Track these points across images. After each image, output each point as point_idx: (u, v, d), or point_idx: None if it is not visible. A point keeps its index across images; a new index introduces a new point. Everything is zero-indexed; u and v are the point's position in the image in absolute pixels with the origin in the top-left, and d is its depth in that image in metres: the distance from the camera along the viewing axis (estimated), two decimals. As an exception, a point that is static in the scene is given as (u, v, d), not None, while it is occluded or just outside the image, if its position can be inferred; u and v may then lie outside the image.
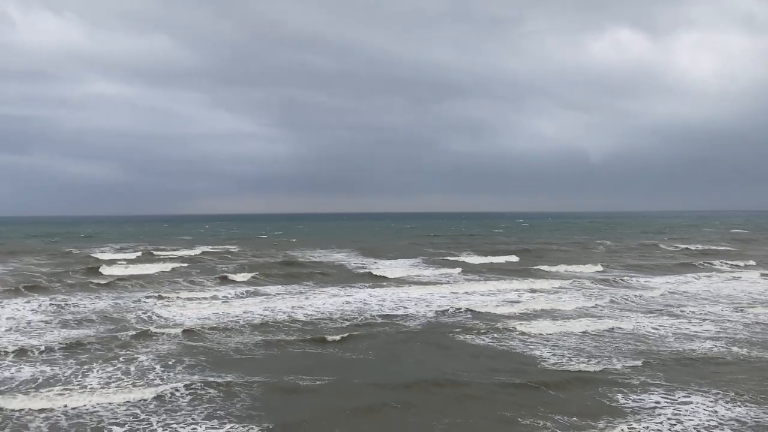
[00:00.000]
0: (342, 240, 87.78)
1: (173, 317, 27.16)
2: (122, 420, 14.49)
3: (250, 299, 31.95)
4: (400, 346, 21.85)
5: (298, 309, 29.14)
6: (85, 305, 30.38)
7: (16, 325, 25.31)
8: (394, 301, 31.39)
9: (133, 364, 19.24)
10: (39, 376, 18.00)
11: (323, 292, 33.97)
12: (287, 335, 23.56)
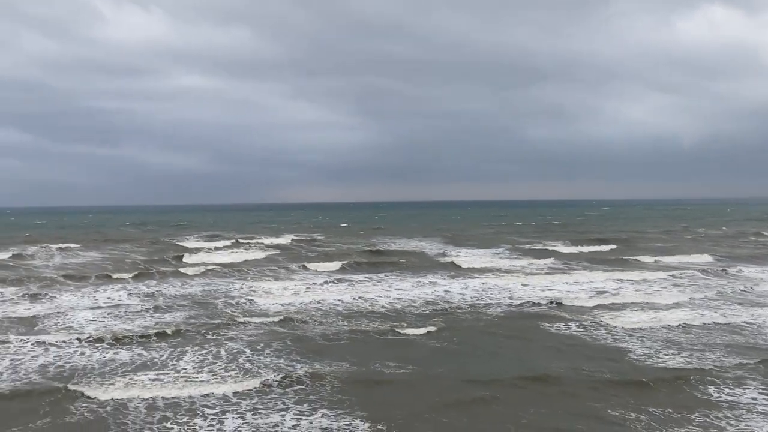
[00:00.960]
0: (423, 228, 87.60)
1: (261, 304, 27.81)
2: (213, 402, 14.93)
3: (335, 286, 32.35)
4: (483, 336, 21.58)
5: (381, 297, 29.27)
6: (176, 291, 31.54)
7: (112, 311, 26.49)
8: (477, 290, 31.07)
9: (223, 348, 19.79)
10: (136, 359, 18.80)
11: (405, 281, 34.03)
12: (371, 322, 23.74)
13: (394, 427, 13.49)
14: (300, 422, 13.81)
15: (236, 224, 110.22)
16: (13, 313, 25.94)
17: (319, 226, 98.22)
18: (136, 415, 14.21)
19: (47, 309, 26.80)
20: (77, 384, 16.39)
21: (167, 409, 14.52)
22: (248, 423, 13.76)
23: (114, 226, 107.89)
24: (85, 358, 18.87)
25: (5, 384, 16.43)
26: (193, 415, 14.16)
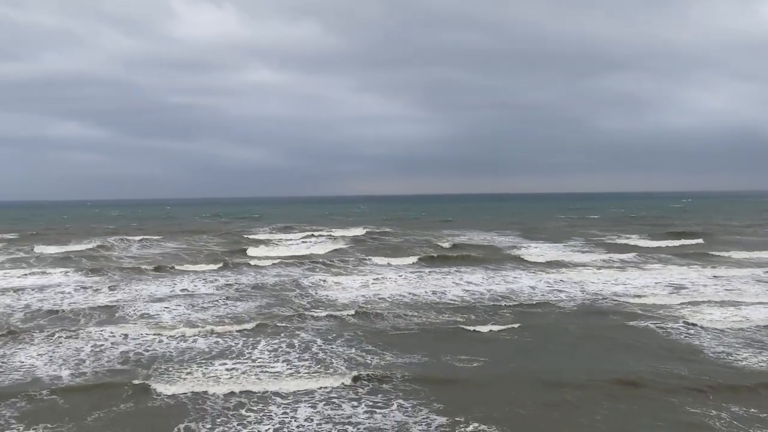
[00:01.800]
0: (493, 221, 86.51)
1: (332, 295, 28.03)
2: (286, 392, 15.10)
3: (405, 279, 32.30)
4: (556, 333, 20.99)
5: (452, 290, 29.03)
6: (249, 281, 32.16)
7: (188, 300, 27.20)
8: (550, 284, 30.42)
9: (295, 338, 20.02)
10: (213, 348, 19.23)
11: (476, 274, 33.67)
12: (440, 315, 23.62)
13: (472, 420, 13.30)
14: (374, 414, 13.81)
15: (307, 216, 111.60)
16: (94, 302, 26.98)
17: (387, 219, 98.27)
18: (214, 401, 14.53)
19: (127, 297, 27.77)
20: (157, 371, 16.91)
21: (242, 396, 14.80)
22: (320, 413, 13.87)
23: (190, 218, 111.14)
24: (164, 346, 19.43)
25: (88, 370, 17.09)
26: (267, 404, 14.38)
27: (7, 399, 14.78)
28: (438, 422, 13.34)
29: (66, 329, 21.61)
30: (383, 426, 13.20)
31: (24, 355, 18.54)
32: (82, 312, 24.75)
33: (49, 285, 31.70)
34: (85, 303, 26.73)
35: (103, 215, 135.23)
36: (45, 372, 16.86)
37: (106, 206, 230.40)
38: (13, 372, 16.98)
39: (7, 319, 23.76)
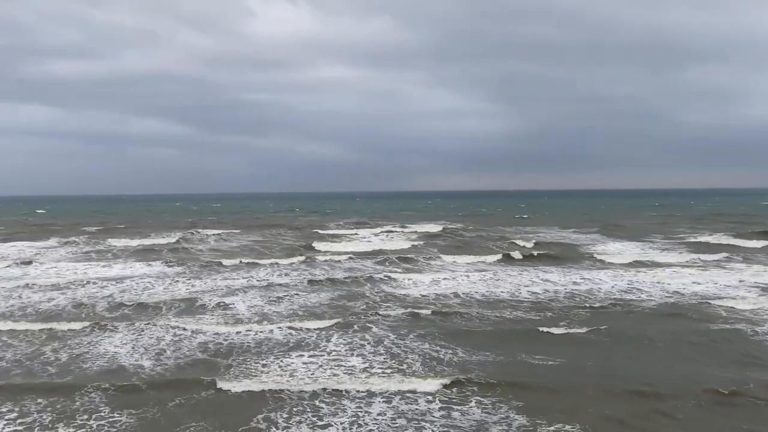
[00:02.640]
0: (569, 218, 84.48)
1: (403, 291, 27.98)
2: (360, 384, 15.08)
3: (479, 276, 31.90)
4: (636, 336, 19.97)
5: (527, 288, 28.46)
6: (322, 275, 32.48)
7: (264, 292, 27.66)
8: (631, 284, 29.37)
9: (367, 332, 20.05)
10: (289, 339, 19.47)
11: (552, 272, 32.91)
12: (514, 312, 23.23)
13: (554, 421, 12.97)
14: (450, 411, 13.64)
15: (379, 212, 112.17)
16: (174, 293, 27.81)
17: (460, 215, 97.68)
18: (290, 393, 14.68)
19: (205, 289, 28.50)
20: (235, 361, 17.26)
21: (318, 389, 14.89)
22: (394, 408, 13.79)
23: (265, 213, 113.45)
24: (241, 337, 19.81)
25: (170, 360, 17.58)
26: (341, 397, 14.44)
27: (95, 384, 15.35)
28: (518, 422, 13.06)
29: (147, 320, 22.36)
30: (461, 424, 13.01)
31: (108, 343, 19.25)
32: (162, 303, 25.53)
33: (131, 276, 32.88)
34: (165, 294, 27.57)
35: (183, 209, 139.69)
36: (128, 361, 17.44)
37: (185, 200, 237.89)
38: (99, 358, 17.65)
39: (92, 308, 24.73)
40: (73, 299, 26.47)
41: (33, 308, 24.70)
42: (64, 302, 25.85)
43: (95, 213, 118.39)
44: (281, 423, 13.05)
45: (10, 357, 17.90)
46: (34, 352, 18.35)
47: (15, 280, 31.90)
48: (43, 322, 22.34)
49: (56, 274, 34.27)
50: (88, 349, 18.53)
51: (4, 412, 13.61)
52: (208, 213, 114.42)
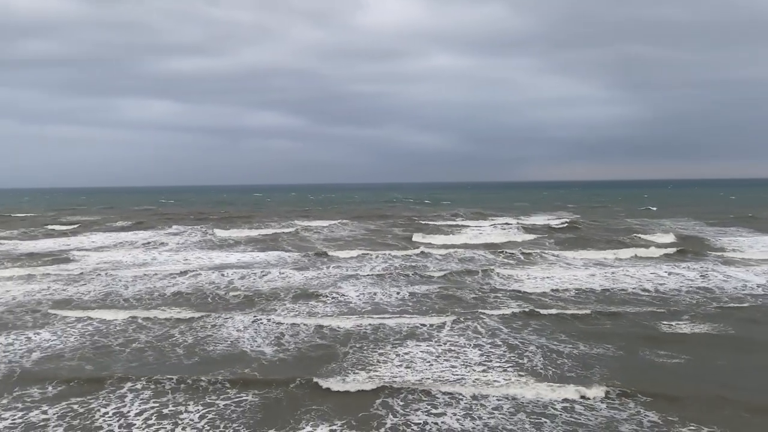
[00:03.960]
0: (697, 210, 78.73)
1: (519, 283, 27.43)
2: (475, 376, 14.89)
3: (597, 270, 30.80)
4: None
5: (650, 284, 27.11)
6: (434, 266, 32.46)
7: (374, 281, 27.95)
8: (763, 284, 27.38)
9: (481, 324, 19.79)
10: (402, 328, 19.59)
11: (679, 267, 31.13)
12: (636, 308, 22.19)
13: (688, 421, 12.32)
14: (574, 405, 13.26)
15: (493, 202, 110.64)
16: (290, 281, 28.62)
17: (578, 206, 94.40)
18: (406, 381, 14.71)
19: (320, 277, 29.13)
20: (353, 348, 17.55)
21: (433, 378, 14.86)
22: (512, 401, 13.49)
23: (377, 203, 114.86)
24: (356, 325, 20.08)
25: (291, 346, 18.09)
26: (457, 387, 14.30)
27: (220, 366, 16.04)
28: (650, 418, 12.50)
29: (266, 306, 23.13)
30: (587, 421, 12.56)
31: (231, 328, 20.03)
32: (279, 290, 26.35)
33: (249, 264, 34.21)
34: (281, 281, 28.43)
35: (297, 199, 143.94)
36: (250, 346, 18.08)
37: (299, 190, 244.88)
38: (222, 342, 18.42)
39: (213, 294, 25.85)
40: (195, 285, 27.81)
41: (159, 293, 26.13)
42: (187, 288, 27.18)
43: (215, 203, 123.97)
44: (398, 410, 13.11)
45: (143, 339, 19.00)
46: (163, 334, 19.39)
47: (142, 266, 33.95)
48: (168, 306, 23.60)
49: (179, 260, 36.15)
50: (211, 333, 19.37)
51: (140, 390, 14.45)
52: (322, 203, 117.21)
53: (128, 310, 22.86)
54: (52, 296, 25.62)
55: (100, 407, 13.51)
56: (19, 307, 23.80)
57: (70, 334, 19.47)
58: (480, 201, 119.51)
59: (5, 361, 16.85)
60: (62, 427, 12.55)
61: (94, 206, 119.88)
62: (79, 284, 28.35)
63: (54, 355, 17.50)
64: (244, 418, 12.95)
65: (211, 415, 13.07)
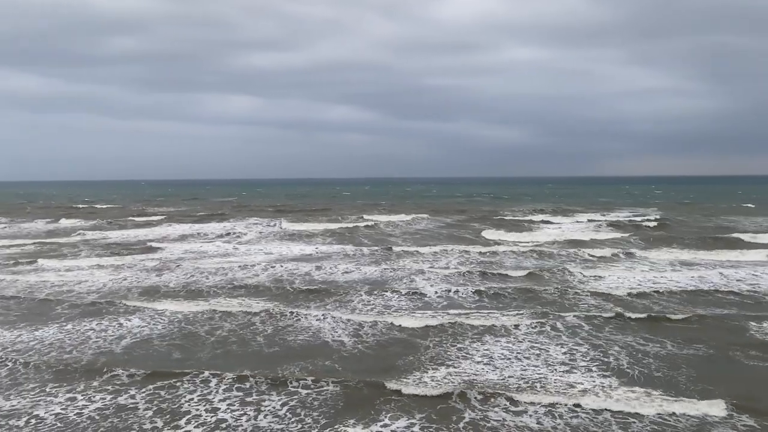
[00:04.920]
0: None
1: (601, 282, 26.67)
2: (558, 377, 14.59)
3: (684, 270, 29.63)
4: None
5: (745, 284, 25.84)
6: (510, 262, 32.07)
7: (449, 277, 27.75)
8: None
9: (560, 322, 19.36)
10: (480, 324, 19.43)
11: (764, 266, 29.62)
12: (728, 310, 21.19)
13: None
14: (663, 407, 12.77)
15: (572, 198, 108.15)
16: (363, 274, 28.86)
17: (665, 202, 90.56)
18: (484, 375, 14.55)
19: (396, 270, 29.20)
20: (432, 341, 17.53)
21: (512, 376, 14.62)
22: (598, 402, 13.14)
23: (452, 197, 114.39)
24: (432, 318, 20.04)
25: (369, 338, 18.22)
26: (537, 384, 14.04)
27: (301, 356, 16.38)
28: (744, 422, 11.96)
29: (342, 298, 23.37)
30: (676, 422, 12.11)
31: (311, 318, 20.32)
32: (355, 282, 26.66)
33: (326, 256, 34.71)
34: (357, 274, 28.70)
35: (372, 193, 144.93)
36: (330, 336, 18.29)
37: (373, 184, 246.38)
38: (302, 332, 18.71)
39: (290, 284, 26.32)
40: (274, 276, 28.40)
41: (239, 283, 26.75)
42: (266, 279, 27.78)
43: (292, 196, 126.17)
44: (477, 405, 12.98)
45: (226, 327, 19.51)
46: (244, 324, 19.84)
47: (223, 257, 34.95)
48: (248, 297, 24.17)
49: (258, 252, 36.98)
50: (290, 323, 19.70)
51: (224, 377, 14.84)
52: (398, 197, 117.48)
53: (210, 299, 23.55)
54: (140, 284, 26.66)
55: (186, 392, 13.94)
56: (111, 294, 24.90)
57: (158, 321, 20.21)
58: (558, 196, 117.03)
59: (97, 346, 17.64)
60: (151, 410, 13.02)
61: (178, 198, 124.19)
62: (163, 273, 29.41)
63: (142, 340, 18.19)
64: (324, 407, 13.11)
65: (293, 403, 13.29)
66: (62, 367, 15.75)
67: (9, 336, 18.73)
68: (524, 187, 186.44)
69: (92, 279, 27.97)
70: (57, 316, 21.23)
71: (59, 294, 24.92)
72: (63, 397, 13.80)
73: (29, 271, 30.81)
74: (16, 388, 14.32)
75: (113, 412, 12.96)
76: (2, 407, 13.22)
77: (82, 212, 78.09)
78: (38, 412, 12.96)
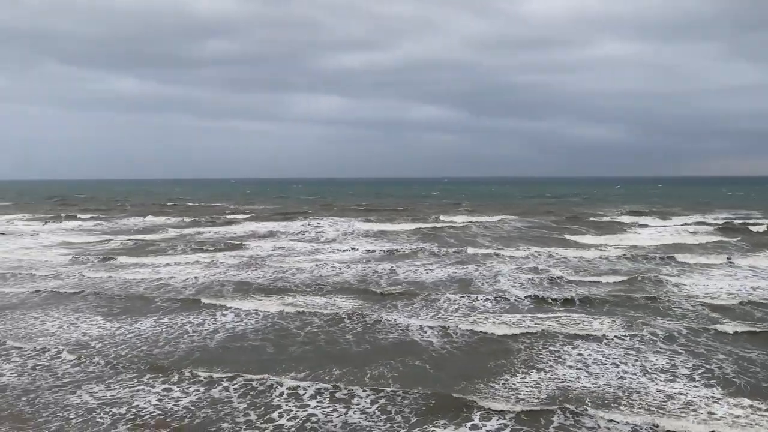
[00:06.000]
0: None
1: (697, 288, 25.30)
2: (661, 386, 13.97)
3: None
4: None
5: None
6: (598, 266, 30.99)
7: (534, 280, 27.09)
8: None
9: (654, 327, 18.53)
10: (565, 326, 18.93)
11: None
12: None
13: None
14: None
15: (671, 198, 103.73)
16: (448, 273, 28.60)
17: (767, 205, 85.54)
18: (580, 383, 14.10)
19: (481, 272, 28.80)
20: (523, 344, 17.19)
21: (611, 382, 14.07)
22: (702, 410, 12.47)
23: (540, 197, 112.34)
24: (521, 322, 19.72)
25: (458, 338, 18.03)
26: (635, 394, 13.42)
27: (390, 354, 16.38)
28: None
29: (427, 297, 23.24)
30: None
31: (398, 317, 20.29)
32: (443, 282, 26.48)
33: (412, 255, 34.64)
34: (441, 274, 28.48)
35: (459, 192, 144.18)
36: (418, 336, 18.16)
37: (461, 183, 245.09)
38: (391, 331, 18.68)
39: (376, 283, 26.43)
40: (359, 274, 28.61)
41: (325, 281, 27.06)
42: (352, 277, 28.01)
43: (376, 195, 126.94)
44: (572, 408, 12.53)
45: (316, 323, 19.72)
46: (333, 321, 19.96)
47: (310, 254, 35.58)
48: (335, 294, 24.35)
49: (343, 250, 37.34)
50: (378, 321, 19.68)
51: (314, 373, 15.03)
52: (483, 197, 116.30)
53: (298, 296, 23.92)
54: (231, 280, 27.32)
55: (277, 387, 14.13)
56: (205, 289, 25.67)
57: (250, 317, 20.61)
58: (654, 197, 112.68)
59: (191, 340, 18.18)
60: (244, 403, 13.27)
61: (265, 196, 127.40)
62: (251, 269, 30.12)
63: (236, 335, 18.62)
64: (415, 404, 13.02)
65: (382, 401, 13.25)
66: (159, 360, 16.32)
67: (109, 328, 19.58)
68: (616, 187, 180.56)
69: (185, 274, 28.90)
70: (154, 309, 22.04)
71: (155, 289, 25.89)
72: (159, 387, 14.26)
73: (126, 266, 32.21)
74: (115, 378, 14.91)
75: (208, 404, 13.28)
76: (104, 396, 13.78)
77: (175, 209, 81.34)
78: (137, 402, 13.44)
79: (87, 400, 13.55)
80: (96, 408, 13.09)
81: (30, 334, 18.89)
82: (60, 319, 20.76)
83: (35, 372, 15.42)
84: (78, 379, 14.86)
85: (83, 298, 23.84)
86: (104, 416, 12.68)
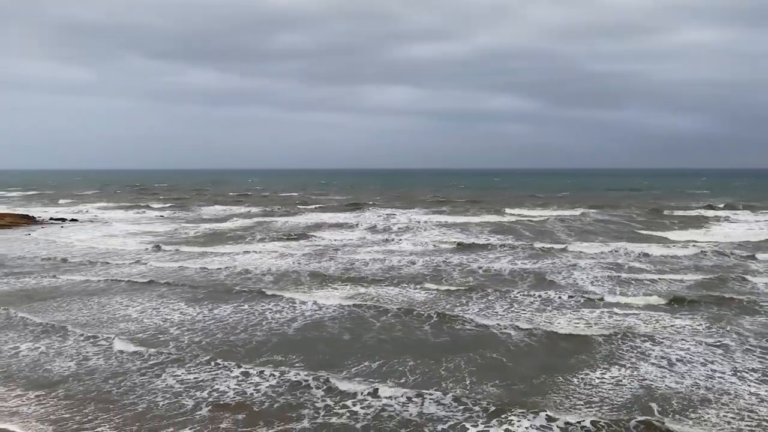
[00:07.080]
0: None
1: None
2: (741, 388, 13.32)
3: None
4: None
5: None
6: (680, 262, 29.85)
7: (611, 274, 26.28)
8: None
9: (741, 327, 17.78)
10: (638, 322, 18.31)
11: None
12: None
13: None
14: None
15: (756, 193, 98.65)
16: (522, 267, 28.22)
17: None
18: (664, 382, 13.63)
19: (556, 266, 28.25)
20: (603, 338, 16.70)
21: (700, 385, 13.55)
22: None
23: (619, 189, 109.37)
24: (597, 315, 19.24)
25: (537, 332, 17.66)
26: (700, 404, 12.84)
27: (468, 346, 16.31)
28: None
29: (502, 289, 23.10)
30: None
31: (473, 309, 20.19)
32: (518, 274, 26.23)
33: (486, 248, 34.26)
34: (515, 267, 28.12)
35: (535, 183, 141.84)
36: (496, 329, 17.94)
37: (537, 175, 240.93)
38: (466, 323, 18.55)
39: (449, 275, 26.32)
40: (431, 266, 28.55)
41: (397, 271, 27.23)
42: (423, 268, 28.01)
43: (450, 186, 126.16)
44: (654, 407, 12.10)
45: (392, 313, 19.75)
46: (407, 311, 19.93)
47: (379, 245, 35.75)
48: (408, 285, 24.29)
49: (413, 242, 37.39)
50: (453, 313, 19.59)
51: (390, 364, 15.06)
52: (560, 188, 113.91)
53: (371, 287, 23.99)
54: (305, 269, 27.71)
55: (354, 376, 14.26)
56: (284, 277, 26.17)
57: (326, 306, 20.82)
58: (742, 189, 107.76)
59: (269, 327, 18.54)
60: (321, 390, 13.42)
61: (337, 187, 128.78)
62: (324, 259, 30.50)
63: (313, 323, 18.88)
64: (490, 398, 12.89)
65: (459, 392, 13.17)
66: (237, 345, 16.71)
67: (191, 314, 20.16)
68: (702, 180, 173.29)
69: (262, 263, 29.51)
70: (235, 296, 22.57)
71: (235, 276, 26.51)
72: (238, 371, 14.56)
73: (206, 254, 33.14)
74: (194, 361, 15.32)
75: (287, 390, 13.51)
76: (187, 379, 14.19)
77: (250, 199, 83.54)
78: (218, 385, 13.77)
79: (171, 384, 13.98)
80: (182, 391, 13.48)
81: (112, 319, 19.64)
82: (143, 304, 21.51)
83: (122, 356, 16.00)
84: (162, 362, 15.35)
85: (165, 285, 24.64)
86: (188, 400, 13.05)
